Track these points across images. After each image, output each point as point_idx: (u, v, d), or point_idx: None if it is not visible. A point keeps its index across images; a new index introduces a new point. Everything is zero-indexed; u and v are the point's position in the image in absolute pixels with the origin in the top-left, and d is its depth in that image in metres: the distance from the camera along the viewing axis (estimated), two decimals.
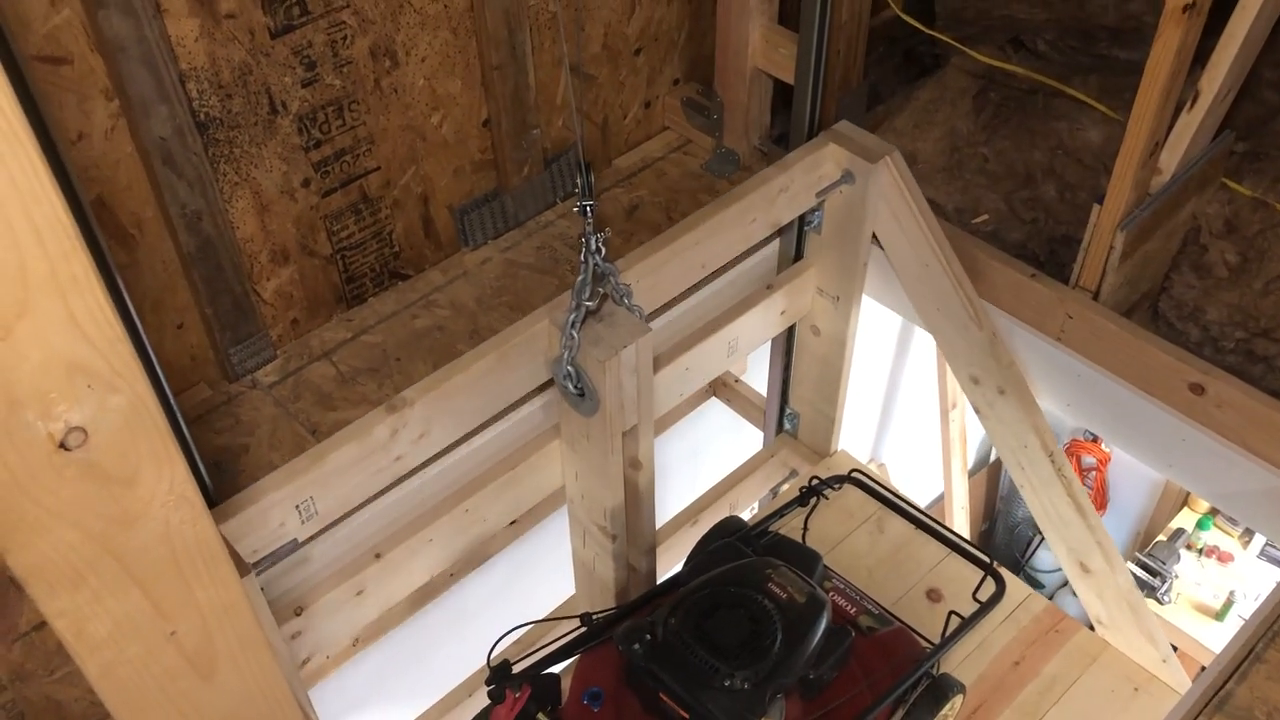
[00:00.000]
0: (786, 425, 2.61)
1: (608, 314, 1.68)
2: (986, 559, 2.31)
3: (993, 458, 4.63)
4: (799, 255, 2.23)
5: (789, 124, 2.16)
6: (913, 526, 2.39)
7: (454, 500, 1.83)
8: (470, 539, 1.88)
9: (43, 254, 0.69)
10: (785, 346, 2.43)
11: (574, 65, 2.06)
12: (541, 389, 1.87)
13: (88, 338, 0.74)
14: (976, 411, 2.25)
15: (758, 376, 2.76)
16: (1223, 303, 2.08)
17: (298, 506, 1.57)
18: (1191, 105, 1.92)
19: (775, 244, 2.25)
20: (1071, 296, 2.03)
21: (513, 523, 2.28)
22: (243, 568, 1.44)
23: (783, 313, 2.21)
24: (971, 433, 3.88)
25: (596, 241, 1.60)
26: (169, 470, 0.85)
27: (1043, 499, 2.27)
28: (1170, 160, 1.95)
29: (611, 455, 1.78)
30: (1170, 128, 1.91)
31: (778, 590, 1.77)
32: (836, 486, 2.43)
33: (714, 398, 2.90)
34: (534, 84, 2.04)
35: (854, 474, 2.46)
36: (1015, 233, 2.25)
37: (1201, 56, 1.85)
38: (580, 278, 1.62)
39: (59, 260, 0.70)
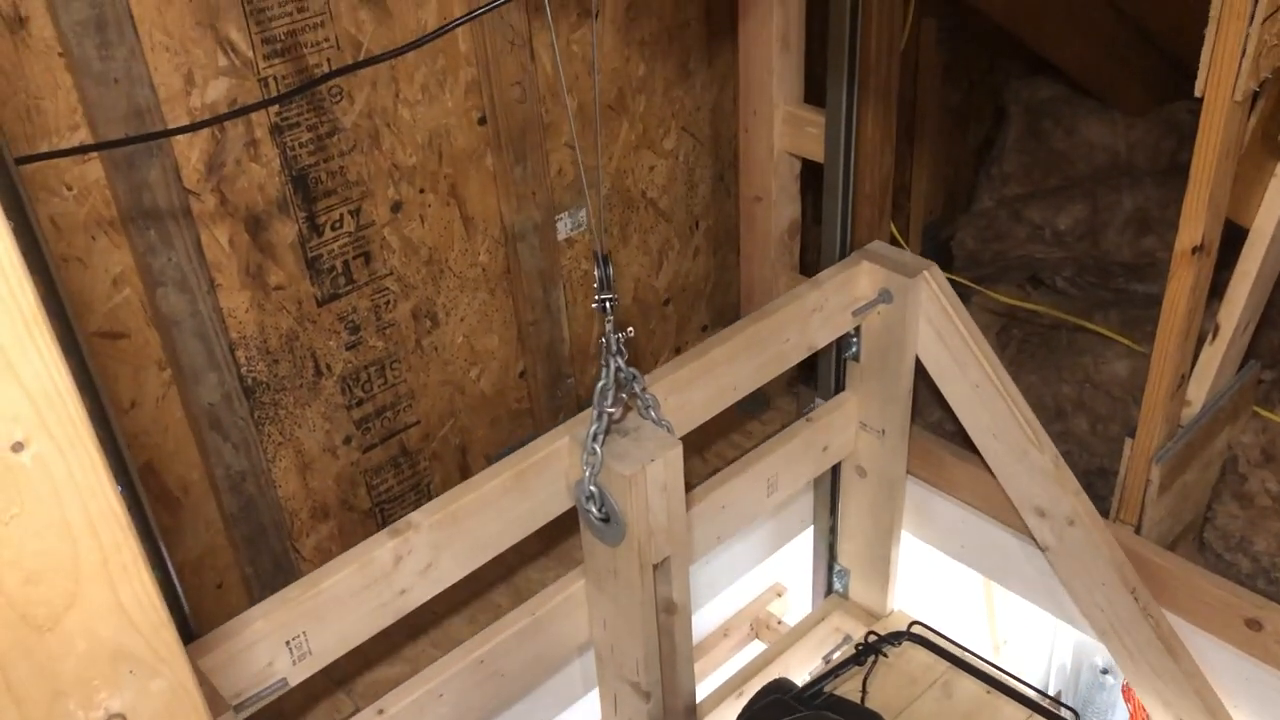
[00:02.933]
0: (836, 585, 2.41)
1: (633, 428, 1.53)
2: (1074, 716, 2.10)
3: (1051, 692, 4.43)
4: (840, 387, 2.11)
5: (814, 364, 2.21)
6: (986, 687, 2.15)
7: (468, 650, 1.63)
8: (485, 696, 1.68)
9: (96, 545, 0.71)
10: (830, 494, 2.28)
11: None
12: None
13: (134, 624, 0.75)
14: (1044, 550, 2.05)
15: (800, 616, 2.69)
16: (1270, 532, 2.04)
17: (288, 643, 1.40)
18: (1213, 338, 1.95)
19: None
20: (1114, 530, 2.01)
21: None
22: (220, 705, 1.27)
23: (825, 449, 2.07)
24: (1028, 667, 3.73)
25: (617, 342, 1.45)
26: None
27: (1128, 645, 2.01)
28: (1198, 392, 1.96)
29: (643, 593, 1.59)
30: (1195, 360, 1.94)
31: None
32: (896, 643, 2.23)
33: (756, 639, 2.83)
34: (568, 336, 2.12)
35: (915, 627, 2.25)
36: None
37: (1219, 288, 1.90)
38: (601, 383, 1.47)
39: (111, 550, 0.72)
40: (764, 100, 2.13)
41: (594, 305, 1.43)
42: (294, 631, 1.40)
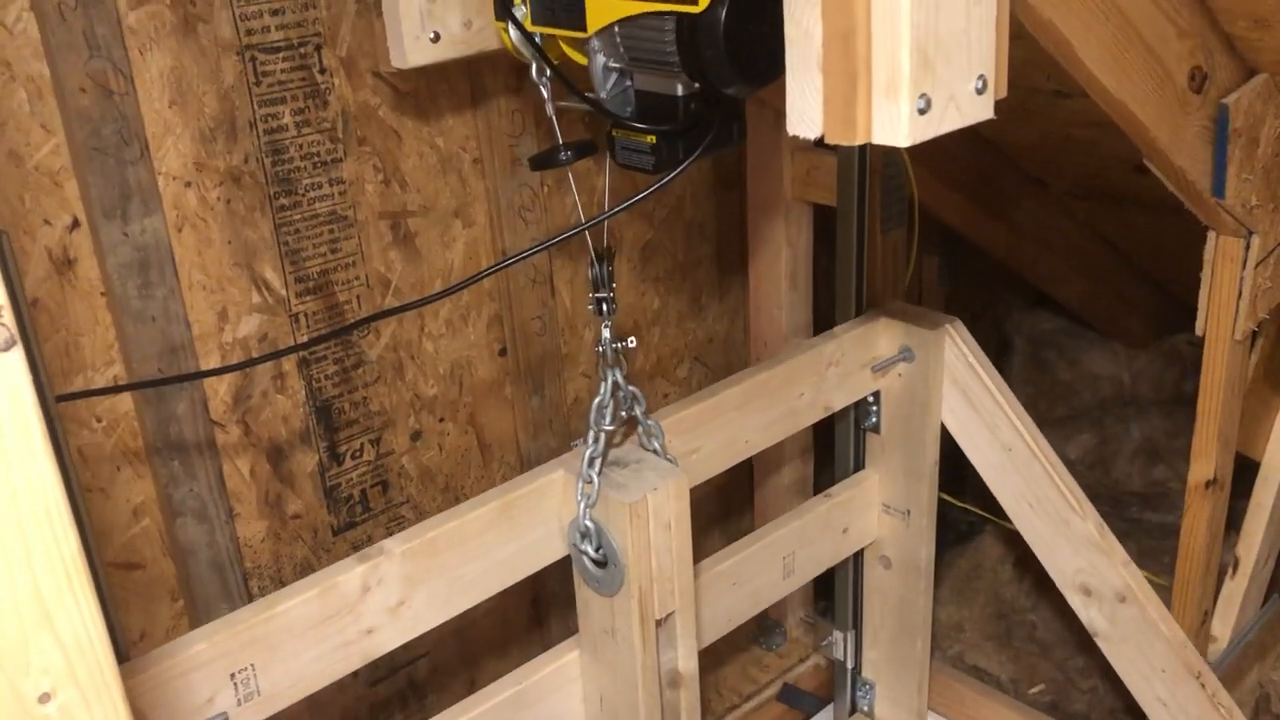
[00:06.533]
0: (860, 703, 2.14)
1: (633, 460, 1.38)
2: None
3: None
4: (859, 465, 1.95)
5: (832, 592, 2.16)
6: None
7: None
8: None
9: None
10: (854, 595, 2.06)
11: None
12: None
13: None
14: (1095, 635, 1.82)
15: None
16: None
17: (233, 676, 1.21)
18: (1233, 572, 1.93)
19: None
20: None
21: None
22: None
23: (845, 531, 1.89)
24: None
25: (615, 353, 1.31)
26: None
27: None
28: (1223, 628, 1.93)
29: (644, 656, 1.39)
30: (1217, 594, 1.92)
31: None
32: None
33: None
34: None
35: None
36: (1076, 702, 2.18)
37: (1236, 518, 1.89)
38: (597, 399, 1.32)
39: None
40: (774, 333, 2.19)
41: (589, 307, 1.29)
42: (240, 663, 1.21)
